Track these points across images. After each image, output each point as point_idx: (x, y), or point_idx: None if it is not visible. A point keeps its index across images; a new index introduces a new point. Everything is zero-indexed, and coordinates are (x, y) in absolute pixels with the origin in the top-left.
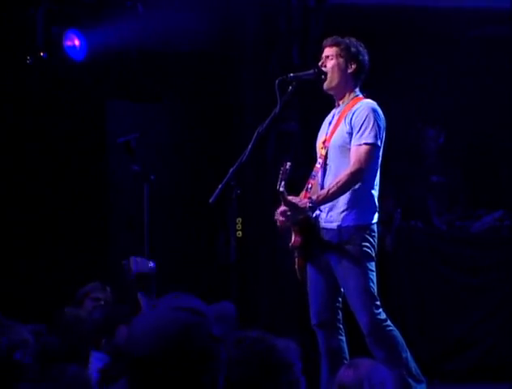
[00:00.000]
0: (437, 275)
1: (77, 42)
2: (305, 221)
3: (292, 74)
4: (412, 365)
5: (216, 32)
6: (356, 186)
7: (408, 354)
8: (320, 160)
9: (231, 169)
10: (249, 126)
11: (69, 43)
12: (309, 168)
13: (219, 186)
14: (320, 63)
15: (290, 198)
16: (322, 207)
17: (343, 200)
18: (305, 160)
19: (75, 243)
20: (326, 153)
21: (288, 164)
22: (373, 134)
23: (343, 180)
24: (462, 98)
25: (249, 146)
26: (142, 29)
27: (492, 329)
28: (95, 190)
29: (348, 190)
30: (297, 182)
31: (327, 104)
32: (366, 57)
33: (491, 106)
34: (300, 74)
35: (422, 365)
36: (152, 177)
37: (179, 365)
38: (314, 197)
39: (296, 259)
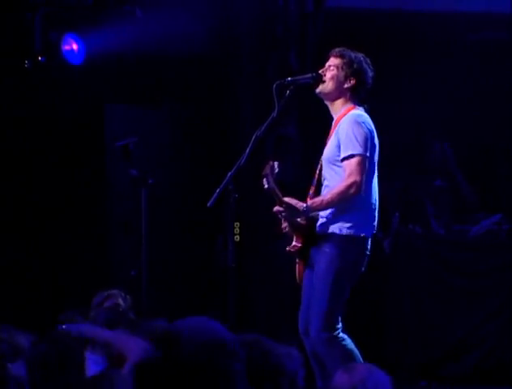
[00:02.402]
0: (436, 278)
1: (75, 46)
2: (308, 227)
3: (289, 79)
4: None
5: (214, 37)
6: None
7: None
8: (318, 172)
9: (229, 173)
10: (247, 130)
11: (67, 47)
12: (307, 172)
13: (217, 190)
14: (321, 71)
15: (287, 199)
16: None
17: (336, 209)
18: (304, 163)
19: (73, 247)
20: (321, 165)
21: (276, 163)
22: (358, 144)
23: (338, 191)
24: (461, 102)
25: (247, 150)
26: (140, 33)
27: (491, 332)
28: (93, 194)
29: (342, 201)
30: (293, 185)
31: (325, 108)
32: (369, 75)
33: (490, 110)
34: (298, 78)
35: (420, 369)
36: (150, 181)
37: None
38: (309, 202)
39: (297, 265)
